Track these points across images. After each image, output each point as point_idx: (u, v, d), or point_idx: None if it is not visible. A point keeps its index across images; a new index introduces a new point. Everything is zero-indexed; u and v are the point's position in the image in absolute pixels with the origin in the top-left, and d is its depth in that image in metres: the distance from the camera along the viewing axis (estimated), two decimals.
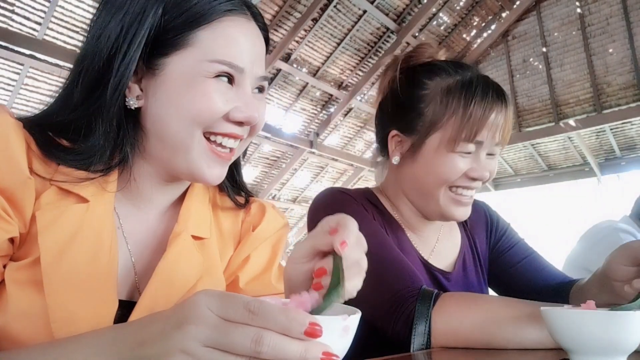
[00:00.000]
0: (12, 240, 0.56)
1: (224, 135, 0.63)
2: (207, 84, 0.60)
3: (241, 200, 0.78)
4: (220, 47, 0.60)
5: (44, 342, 0.51)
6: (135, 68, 0.60)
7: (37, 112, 0.64)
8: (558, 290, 1.01)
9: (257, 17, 0.68)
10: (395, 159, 0.99)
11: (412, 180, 0.98)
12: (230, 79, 0.62)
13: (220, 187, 0.78)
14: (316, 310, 0.43)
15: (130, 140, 0.63)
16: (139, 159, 0.65)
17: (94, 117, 0.59)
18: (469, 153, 0.92)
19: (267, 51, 0.72)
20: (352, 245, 0.49)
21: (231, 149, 0.66)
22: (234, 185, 0.78)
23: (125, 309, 0.61)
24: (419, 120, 0.95)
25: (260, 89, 0.68)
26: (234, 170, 0.78)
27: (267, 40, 0.71)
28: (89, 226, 0.59)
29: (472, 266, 1.08)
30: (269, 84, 0.79)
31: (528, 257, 1.10)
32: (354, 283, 0.51)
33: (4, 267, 0.56)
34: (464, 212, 0.97)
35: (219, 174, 0.65)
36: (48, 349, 0.48)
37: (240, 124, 0.63)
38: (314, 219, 0.97)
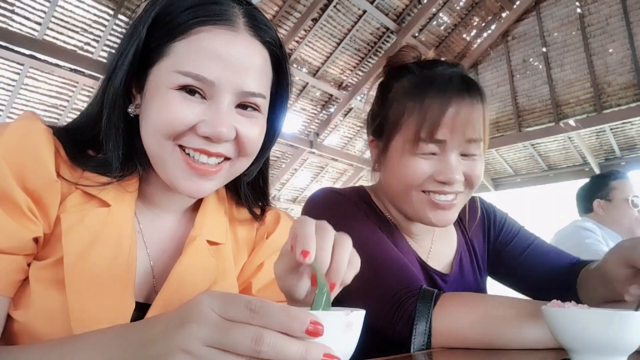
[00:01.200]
0: (36, 239, 0.57)
1: (194, 150, 0.60)
2: (170, 95, 0.58)
3: (258, 211, 0.79)
4: (190, 59, 0.58)
5: (51, 340, 0.51)
6: (135, 78, 0.63)
7: (66, 123, 0.66)
8: (568, 274, 1.00)
9: (256, 29, 0.63)
10: (375, 164, 0.99)
11: (386, 185, 0.97)
12: (202, 92, 0.60)
13: (239, 199, 0.77)
14: None
15: (138, 149, 0.65)
16: (149, 166, 0.66)
17: (107, 128, 0.62)
18: (434, 154, 0.86)
19: (282, 65, 0.67)
20: (320, 248, 0.48)
21: (218, 165, 0.63)
22: (254, 197, 0.78)
23: (142, 311, 0.62)
24: (385, 123, 0.94)
25: (251, 107, 0.63)
26: (260, 180, 0.78)
27: (274, 55, 0.66)
28: (110, 229, 0.60)
29: (469, 267, 1.07)
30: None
31: (532, 244, 1.08)
32: (345, 278, 0.51)
33: (29, 265, 0.58)
34: (444, 217, 0.89)
35: (199, 188, 0.62)
36: (54, 346, 0.49)
37: (209, 139, 0.60)
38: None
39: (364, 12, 5.71)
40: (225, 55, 0.59)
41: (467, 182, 0.89)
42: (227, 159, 0.64)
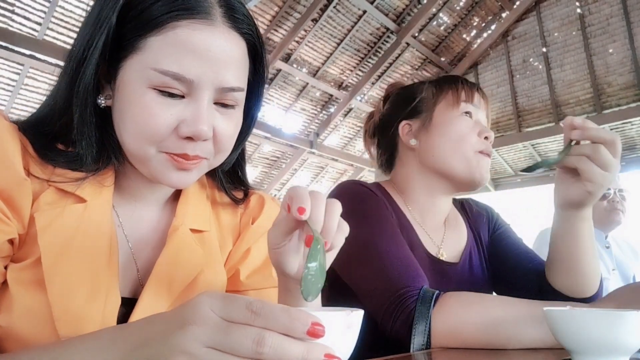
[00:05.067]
0: (11, 241, 0.56)
1: (178, 156, 0.59)
2: (148, 96, 0.56)
3: (239, 195, 0.77)
4: (167, 56, 0.55)
5: (45, 344, 0.51)
6: (104, 68, 0.59)
7: (30, 116, 0.63)
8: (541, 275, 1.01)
9: (234, 20, 0.60)
10: (413, 141, 1.08)
11: (433, 152, 1.06)
12: (179, 92, 0.57)
13: (218, 184, 0.76)
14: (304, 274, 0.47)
15: (111, 140, 0.62)
16: (124, 158, 0.65)
17: (74, 120, 0.59)
18: (468, 113, 1.06)
19: (258, 59, 0.66)
20: (314, 206, 0.51)
21: (196, 157, 0.61)
22: (232, 182, 0.77)
23: (129, 306, 0.61)
24: (421, 102, 1.10)
25: (230, 105, 0.62)
26: (237, 166, 0.77)
27: (253, 47, 0.64)
28: (88, 225, 0.59)
29: (477, 259, 1.10)
30: (269, 84, 0.73)
31: (517, 244, 1.15)
32: (335, 241, 0.54)
33: (5, 268, 0.56)
34: (486, 170, 1.05)
35: (183, 179, 0.61)
36: (47, 350, 0.48)
37: (190, 139, 0.58)
38: None
39: (364, 12, 5.71)
40: (204, 52, 0.56)
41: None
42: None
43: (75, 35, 0.63)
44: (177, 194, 0.72)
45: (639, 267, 2.37)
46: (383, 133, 1.17)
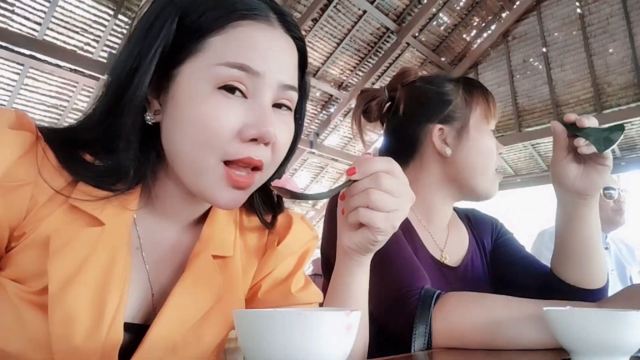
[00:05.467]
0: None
1: (241, 162, 0.56)
2: (214, 95, 0.54)
3: (269, 219, 0.73)
4: (232, 50, 0.55)
5: None
6: (154, 81, 0.57)
7: (62, 126, 0.60)
8: (544, 280, 1.02)
9: (289, 26, 0.61)
10: (448, 150, 1.04)
11: (464, 164, 1.05)
12: (242, 92, 0.56)
13: (250, 206, 0.72)
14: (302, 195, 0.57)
15: (152, 157, 0.60)
16: (161, 175, 0.62)
17: (115, 134, 0.56)
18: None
19: (305, 67, 0.65)
20: (360, 173, 0.57)
21: (251, 174, 0.59)
22: (266, 203, 0.73)
23: (139, 332, 0.58)
24: (455, 109, 1.07)
25: (285, 106, 0.61)
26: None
27: (303, 53, 0.64)
28: (102, 252, 0.55)
29: (479, 264, 1.11)
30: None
31: (520, 252, 1.15)
32: (353, 205, 0.58)
33: None
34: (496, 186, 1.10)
35: (234, 199, 0.58)
36: None
37: (254, 141, 0.56)
38: (333, 210, 0.98)
39: (364, 12, 5.71)
40: (266, 49, 0.57)
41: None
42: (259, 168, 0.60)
43: (74, 36, 0.61)
44: (204, 215, 0.69)
45: (636, 268, 2.37)
46: (402, 128, 1.11)
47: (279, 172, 0.68)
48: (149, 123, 0.59)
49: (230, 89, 0.55)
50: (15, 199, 0.52)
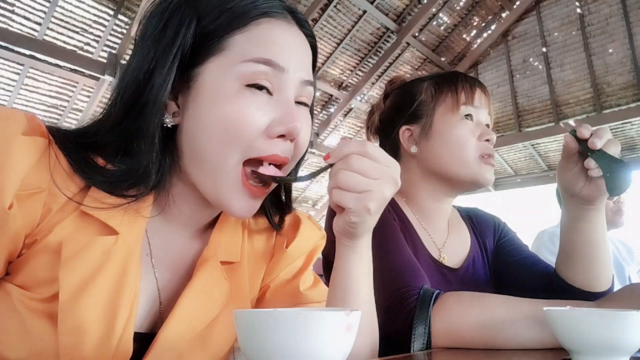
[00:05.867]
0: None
1: (267, 160, 0.56)
2: (241, 93, 0.54)
3: (277, 220, 0.73)
4: (256, 46, 0.55)
5: None
6: (172, 82, 0.56)
7: (74, 127, 0.59)
8: (548, 281, 1.01)
9: (301, 22, 0.63)
10: (413, 148, 1.07)
11: (434, 159, 1.05)
12: (268, 89, 0.56)
13: (259, 209, 0.71)
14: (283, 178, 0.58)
15: (169, 161, 0.59)
16: (176, 180, 0.61)
17: (134, 137, 0.55)
18: (468, 116, 1.03)
19: (315, 64, 0.66)
20: (333, 157, 0.57)
21: (266, 184, 0.60)
22: (276, 205, 0.73)
23: (146, 342, 0.57)
24: (420, 106, 1.08)
25: (304, 103, 0.62)
26: (283, 189, 0.73)
27: (314, 50, 0.65)
28: (115, 262, 0.54)
29: (481, 266, 1.10)
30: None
31: (524, 253, 1.13)
32: (328, 188, 0.58)
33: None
34: (491, 175, 1.04)
35: (249, 208, 0.58)
36: None
37: (282, 137, 0.56)
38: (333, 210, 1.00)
39: (364, 12, 5.71)
40: (288, 45, 0.58)
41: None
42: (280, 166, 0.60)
43: (74, 36, 0.60)
44: (213, 221, 0.68)
45: (634, 267, 2.37)
46: (384, 135, 1.16)
47: (296, 170, 0.69)
48: (168, 126, 0.58)
49: (258, 87, 0.55)
50: (30, 207, 0.51)
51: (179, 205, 0.62)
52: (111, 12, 4.43)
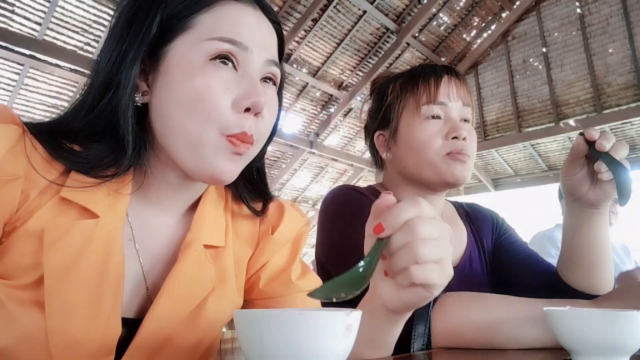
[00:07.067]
0: None
1: (238, 138, 0.57)
2: (207, 67, 0.56)
3: (258, 207, 0.73)
4: (221, 26, 0.58)
5: None
6: (142, 62, 0.58)
7: (49, 118, 0.60)
8: (550, 278, 1.01)
9: (267, 9, 0.65)
10: (385, 154, 1.06)
11: (403, 161, 1.03)
12: (234, 63, 0.58)
13: (237, 196, 0.72)
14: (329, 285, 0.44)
15: (143, 139, 0.60)
16: (153, 159, 0.62)
17: (108, 117, 0.56)
18: (438, 117, 0.99)
19: (282, 49, 0.68)
20: (389, 228, 0.49)
21: (250, 137, 0.59)
22: (252, 192, 0.73)
23: (134, 327, 0.57)
24: (388, 110, 1.06)
25: (271, 80, 0.63)
26: (256, 174, 0.73)
27: (280, 35, 0.67)
28: (98, 244, 0.55)
29: (477, 264, 1.09)
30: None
31: (524, 251, 1.12)
32: (398, 265, 0.50)
33: None
34: (463, 171, 0.97)
35: (233, 169, 0.59)
36: None
37: (247, 112, 0.57)
38: (329, 218, 0.99)
39: (364, 12, 5.71)
40: (253, 26, 0.60)
41: (470, 139, 0.99)
42: None
43: (74, 36, 0.61)
44: (194, 205, 0.69)
45: (630, 267, 2.37)
46: (367, 139, 1.16)
47: (261, 154, 0.70)
48: (138, 104, 0.59)
49: (222, 60, 0.57)
50: (6, 193, 0.52)
51: (156, 184, 0.63)
52: (111, 12, 4.43)
